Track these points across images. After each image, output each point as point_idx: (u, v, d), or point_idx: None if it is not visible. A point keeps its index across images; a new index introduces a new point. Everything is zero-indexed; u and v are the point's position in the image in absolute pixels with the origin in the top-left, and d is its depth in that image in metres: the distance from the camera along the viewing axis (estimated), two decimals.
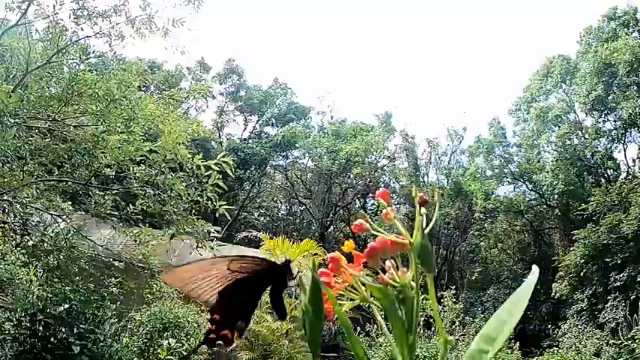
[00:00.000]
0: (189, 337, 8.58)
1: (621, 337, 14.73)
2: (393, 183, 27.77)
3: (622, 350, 14.28)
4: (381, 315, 0.74)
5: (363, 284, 0.75)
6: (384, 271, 0.75)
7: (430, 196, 0.77)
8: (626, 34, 21.05)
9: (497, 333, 0.71)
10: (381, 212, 0.75)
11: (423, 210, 0.74)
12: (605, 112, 22.51)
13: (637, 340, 12.92)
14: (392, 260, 0.75)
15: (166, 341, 8.12)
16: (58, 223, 7.23)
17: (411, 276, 0.72)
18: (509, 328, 0.71)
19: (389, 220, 0.74)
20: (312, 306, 0.71)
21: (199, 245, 6.84)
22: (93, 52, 7.12)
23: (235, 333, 1.01)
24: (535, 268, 0.79)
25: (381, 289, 0.72)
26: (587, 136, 23.42)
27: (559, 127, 23.99)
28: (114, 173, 6.96)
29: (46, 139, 6.89)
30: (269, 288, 1.02)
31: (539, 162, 24.90)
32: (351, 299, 0.77)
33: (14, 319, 6.43)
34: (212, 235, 7.24)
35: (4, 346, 6.25)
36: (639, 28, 21.60)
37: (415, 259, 0.71)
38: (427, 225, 0.74)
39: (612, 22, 22.17)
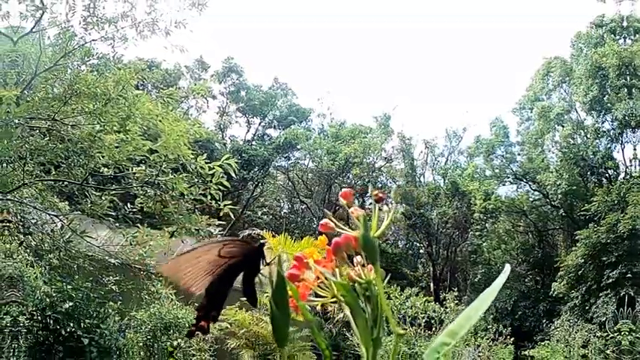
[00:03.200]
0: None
1: (607, 330, 14.90)
2: (390, 183, 28.12)
3: (608, 342, 14.44)
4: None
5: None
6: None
7: (432, 197, 0.79)
8: (613, 40, 21.35)
9: (461, 328, 0.72)
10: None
11: (385, 208, 0.75)
12: (603, 112, 22.60)
13: (622, 333, 13.09)
14: (359, 257, 0.75)
15: (176, 342, 8.20)
16: (55, 222, 7.25)
17: (376, 271, 0.72)
18: (473, 322, 0.72)
19: (355, 217, 0.75)
20: (277, 301, 0.72)
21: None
22: (96, 54, 7.19)
23: (210, 323, 1.00)
24: (507, 267, 0.80)
25: (344, 286, 0.72)
26: (588, 135, 23.47)
27: (562, 126, 24.03)
28: (112, 173, 6.96)
29: (45, 139, 6.91)
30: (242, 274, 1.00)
31: (542, 161, 24.89)
32: (321, 296, 0.77)
33: (27, 313, 6.58)
34: (215, 233, 7.21)
35: (19, 337, 6.38)
36: (625, 35, 21.84)
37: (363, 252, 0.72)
38: (385, 220, 0.74)
39: (600, 29, 22.49)
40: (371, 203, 0.78)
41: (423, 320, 14.98)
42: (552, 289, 19.69)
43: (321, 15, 38.66)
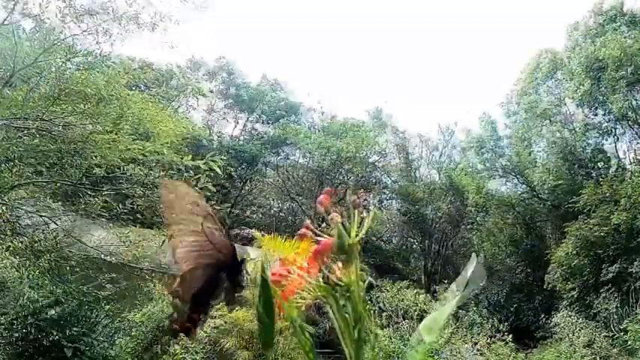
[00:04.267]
0: (183, 336, 8.54)
1: (612, 330, 14.89)
2: (385, 179, 27.88)
3: (614, 342, 14.42)
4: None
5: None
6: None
7: (428, 193, 0.80)
8: (614, 28, 21.05)
9: (435, 322, 0.76)
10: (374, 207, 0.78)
11: (365, 213, 0.78)
12: (595, 106, 22.62)
13: (629, 333, 13.04)
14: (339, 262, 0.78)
15: (172, 348, 8.10)
16: (48, 224, 7.16)
17: (355, 275, 0.75)
18: (445, 316, 0.78)
19: (334, 222, 0.78)
20: (263, 304, 0.75)
21: None
22: (80, 51, 7.06)
23: (196, 327, 1.03)
24: (473, 256, 0.84)
25: (325, 288, 0.75)
26: (577, 129, 23.57)
27: (550, 120, 24.08)
28: (104, 173, 6.89)
29: (35, 140, 6.82)
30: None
31: (530, 155, 25.01)
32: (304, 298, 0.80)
33: (5, 322, 6.39)
34: None
35: None
36: (626, 21, 21.64)
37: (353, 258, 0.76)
38: (364, 225, 0.77)
39: (599, 17, 22.20)
40: (365, 200, 0.79)
41: (416, 313, 15.02)
42: (546, 283, 19.69)
43: (313, 14, 38.64)
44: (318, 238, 0.79)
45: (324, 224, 0.79)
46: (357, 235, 0.76)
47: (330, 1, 37.34)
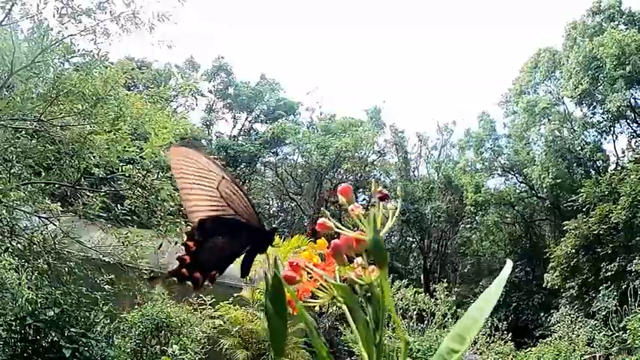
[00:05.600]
0: (182, 336, 8.55)
1: (612, 328, 14.87)
2: (384, 177, 27.81)
3: (614, 340, 14.40)
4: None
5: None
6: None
7: (427, 191, 0.76)
8: (612, 27, 21.03)
9: (468, 332, 0.69)
10: (372, 207, 0.74)
11: (390, 205, 0.72)
12: (593, 104, 22.62)
13: (628, 331, 13.02)
14: (360, 258, 0.73)
15: (170, 349, 8.08)
16: (46, 225, 7.15)
17: (378, 274, 0.70)
18: (479, 326, 0.69)
19: (354, 216, 0.72)
20: (274, 303, 0.68)
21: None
22: (78, 51, 7.03)
23: (206, 279, 0.96)
24: (509, 262, 0.77)
25: (344, 288, 0.70)
26: (576, 128, 23.56)
27: (548, 119, 24.07)
28: (102, 173, 6.87)
29: (33, 141, 6.80)
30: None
31: (528, 154, 25.01)
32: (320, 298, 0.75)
33: (4, 323, 6.37)
34: None
35: None
36: (624, 20, 21.62)
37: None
38: (389, 220, 0.72)
39: (597, 16, 22.18)
40: (364, 199, 0.76)
41: (415, 312, 15.02)
42: (545, 281, 19.62)
43: (313, 14, 38.63)
44: (340, 231, 0.73)
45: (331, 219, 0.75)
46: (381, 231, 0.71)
47: (329, 1, 37.33)
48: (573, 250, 18.55)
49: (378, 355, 0.68)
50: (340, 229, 0.73)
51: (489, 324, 14.55)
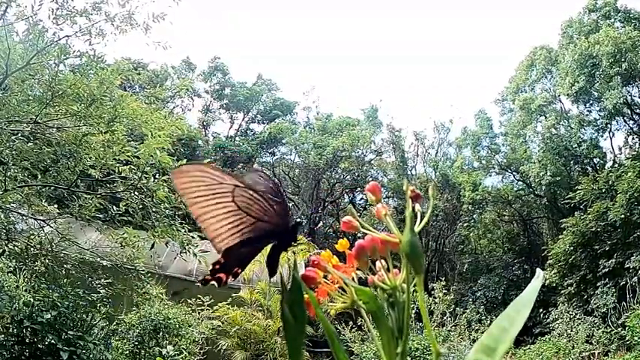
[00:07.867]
0: (180, 337, 8.51)
1: (611, 325, 14.89)
2: (381, 177, 27.81)
3: (613, 337, 14.42)
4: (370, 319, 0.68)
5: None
6: (374, 273, 0.69)
7: (424, 190, 0.71)
8: (608, 25, 21.06)
9: (498, 343, 0.64)
10: (371, 207, 0.70)
11: (418, 206, 0.68)
12: (590, 102, 22.66)
13: (627, 328, 13.04)
14: (383, 260, 0.70)
15: (165, 349, 8.04)
16: (43, 228, 7.10)
17: (403, 278, 0.67)
18: (512, 336, 0.64)
19: (381, 216, 0.68)
20: (293, 308, 0.63)
21: (182, 250, 6.68)
22: (73, 52, 6.98)
23: (229, 277, 0.94)
24: (539, 272, 0.73)
25: (367, 292, 0.66)
26: (572, 125, 23.60)
27: (545, 117, 24.12)
28: (99, 175, 6.82)
29: (29, 144, 6.75)
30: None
31: (525, 152, 25.06)
32: (339, 302, 0.71)
33: (1, 326, 6.33)
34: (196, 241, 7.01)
35: None
36: (620, 17, 21.65)
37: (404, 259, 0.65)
38: (420, 221, 0.68)
39: (593, 13, 22.21)
40: (362, 199, 0.72)
41: (413, 312, 15.01)
42: (543, 279, 19.59)
43: (313, 14, 38.60)
44: (366, 232, 0.69)
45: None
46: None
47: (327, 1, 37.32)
48: (571, 248, 18.57)
49: None
50: (367, 228, 0.69)
51: (488, 322, 14.53)
